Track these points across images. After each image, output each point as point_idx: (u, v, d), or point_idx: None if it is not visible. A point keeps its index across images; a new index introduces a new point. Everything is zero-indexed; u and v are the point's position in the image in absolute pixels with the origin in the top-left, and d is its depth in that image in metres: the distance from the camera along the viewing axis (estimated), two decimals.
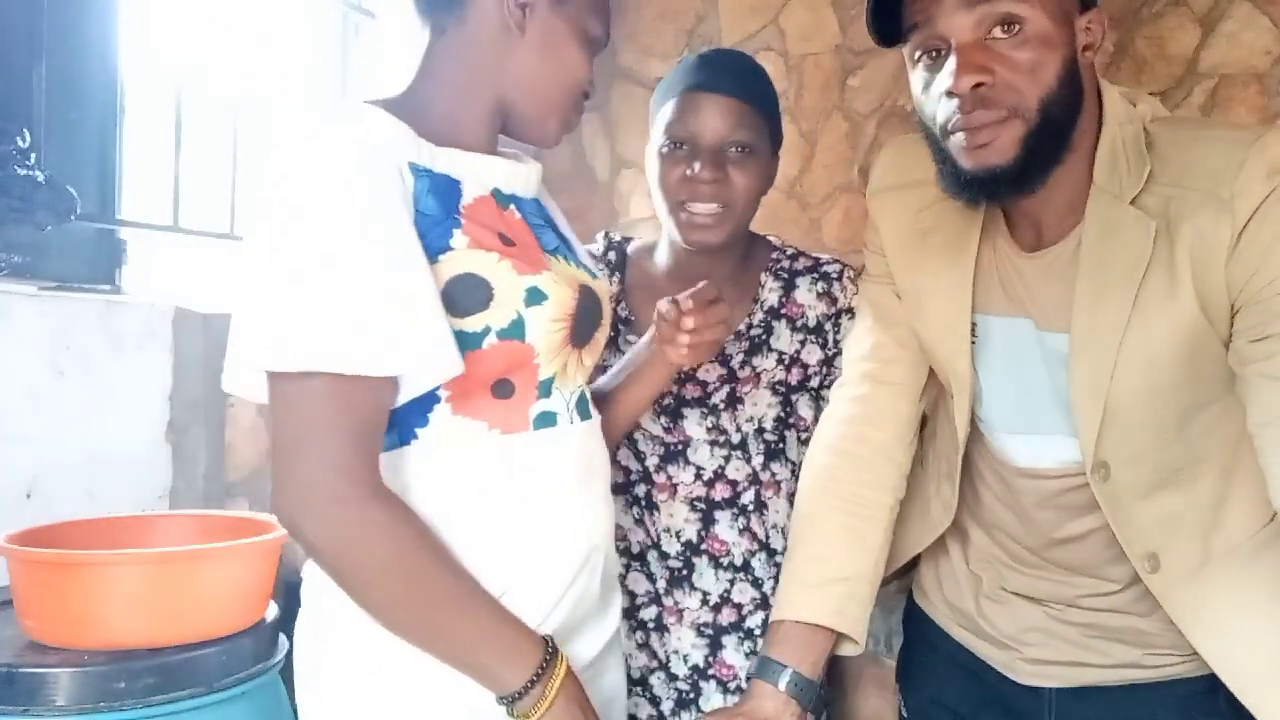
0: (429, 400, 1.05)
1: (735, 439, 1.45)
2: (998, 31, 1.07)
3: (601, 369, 1.43)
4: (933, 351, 1.28)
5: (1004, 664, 1.33)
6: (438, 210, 1.03)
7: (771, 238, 1.57)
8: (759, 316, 1.48)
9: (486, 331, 1.04)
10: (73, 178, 1.93)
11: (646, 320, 1.47)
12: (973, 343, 1.24)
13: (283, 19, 2.67)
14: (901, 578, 1.47)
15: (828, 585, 1.23)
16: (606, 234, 1.58)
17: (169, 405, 2.12)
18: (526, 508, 1.09)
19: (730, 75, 1.43)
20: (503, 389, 1.08)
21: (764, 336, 1.47)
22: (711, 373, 1.46)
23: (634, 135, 3.45)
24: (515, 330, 1.05)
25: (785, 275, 1.51)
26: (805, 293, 1.49)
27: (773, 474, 1.46)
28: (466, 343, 1.04)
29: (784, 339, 1.47)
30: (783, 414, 1.46)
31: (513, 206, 1.12)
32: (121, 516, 1.70)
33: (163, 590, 1.40)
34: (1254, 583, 1.19)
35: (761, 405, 1.45)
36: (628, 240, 1.58)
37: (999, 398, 1.24)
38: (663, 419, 1.46)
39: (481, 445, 1.07)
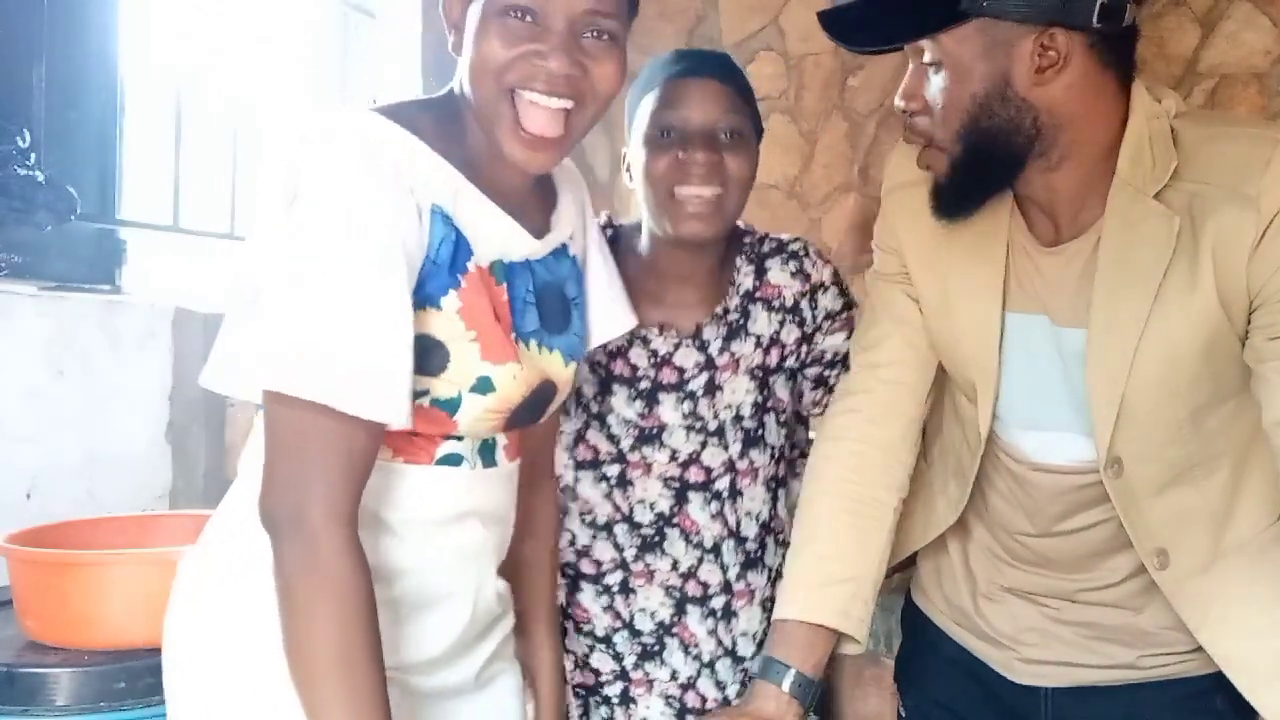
0: None
1: (712, 425, 1.44)
2: (925, 57, 1.11)
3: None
4: (954, 350, 1.27)
5: (1001, 663, 1.33)
6: (447, 262, 1.02)
7: (739, 224, 1.53)
8: (735, 300, 1.47)
9: (425, 394, 1.04)
10: (73, 178, 1.93)
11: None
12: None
13: (282, 19, 2.67)
14: (900, 572, 1.47)
15: (832, 585, 1.24)
16: (609, 220, 1.54)
17: (169, 405, 2.12)
18: (408, 551, 1.10)
19: (713, 62, 1.42)
20: (414, 432, 1.07)
21: (741, 321, 1.46)
22: (689, 358, 1.45)
23: None
24: (449, 406, 1.05)
25: (755, 258, 1.49)
26: (778, 273, 1.48)
27: (750, 461, 1.46)
28: None
29: (761, 322, 1.46)
30: (760, 399, 1.46)
31: (505, 284, 1.09)
32: (121, 516, 1.71)
33: (163, 590, 1.40)
34: (1261, 579, 1.19)
35: (740, 392, 1.44)
36: (622, 227, 1.54)
37: (1014, 394, 1.24)
38: (638, 403, 1.44)
39: (380, 470, 1.06)
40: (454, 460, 1.11)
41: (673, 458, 1.44)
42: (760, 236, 1.52)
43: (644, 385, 1.44)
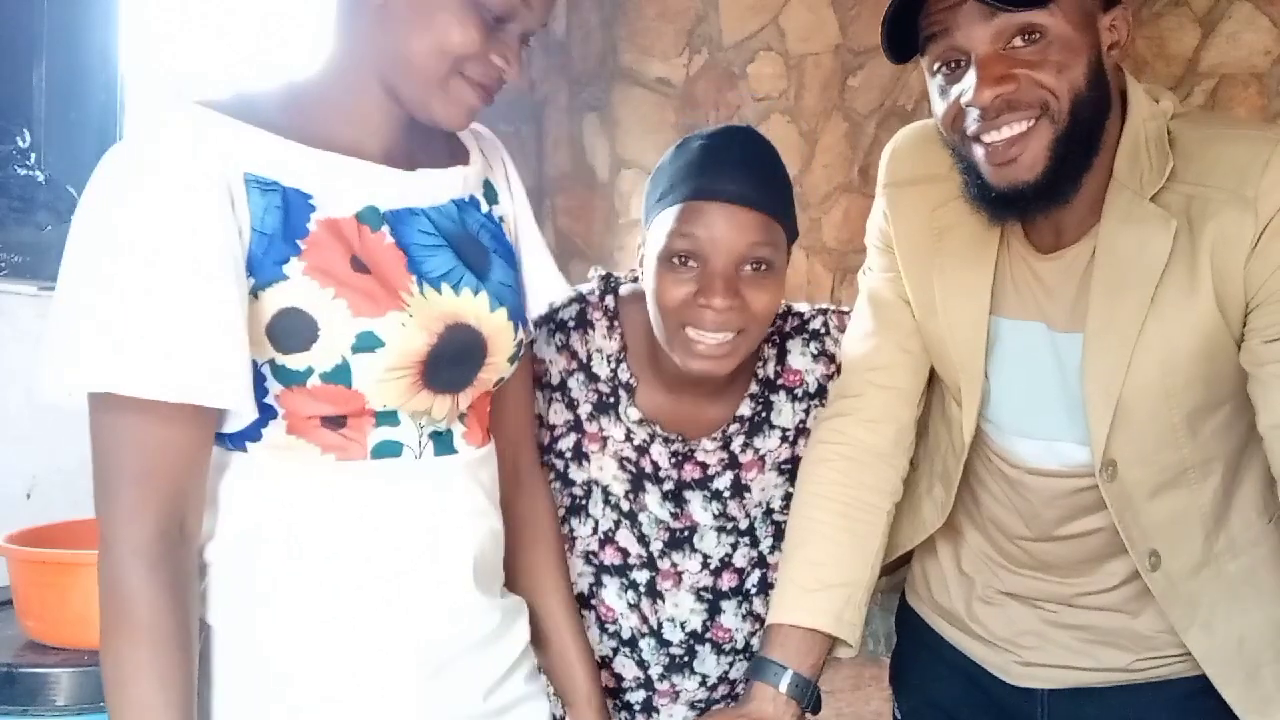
0: (265, 415, 0.98)
1: (743, 525, 1.36)
2: (1017, 41, 1.06)
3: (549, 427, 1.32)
4: (943, 353, 1.26)
5: (997, 666, 1.33)
6: (278, 229, 0.95)
7: None
8: (755, 389, 1.35)
9: (309, 372, 0.96)
10: (73, 178, 1.93)
11: (648, 400, 1.32)
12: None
13: (283, 18, 2.67)
14: (890, 574, 1.46)
15: (826, 590, 1.23)
16: (605, 277, 1.37)
17: None
18: (347, 568, 1.01)
19: (743, 176, 1.21)
20: (334, 420, 0.99)
21: (764, 414, 1.35)
22: (712, 455, 1.34)
23: (634, 135, 3.45)
24: (339, 375, 0.96)
25: (777, 340, 1.36)
26: (799, 357, 1.36)
27: (782, 552, 1.35)
28: (289, 378, 0.96)
29: (785, 413, 1.35)
30: (791, 489, 1.36)
31: (386, 227, 1.00)
32: None
33: None
34: (1246, 581, 1.20)
35: (769, 488, 1.36)
36: (623, 297, 1.36)
37: (1008, 400, 1.24)
38: (668, 504, 1.34)
39: (311, 473, 1.00)
40: (392, 450, 1.02)
41: (704, 565, 1.36)
42: (783, 312, 1.37)
43: (668, 486, 1.34)
